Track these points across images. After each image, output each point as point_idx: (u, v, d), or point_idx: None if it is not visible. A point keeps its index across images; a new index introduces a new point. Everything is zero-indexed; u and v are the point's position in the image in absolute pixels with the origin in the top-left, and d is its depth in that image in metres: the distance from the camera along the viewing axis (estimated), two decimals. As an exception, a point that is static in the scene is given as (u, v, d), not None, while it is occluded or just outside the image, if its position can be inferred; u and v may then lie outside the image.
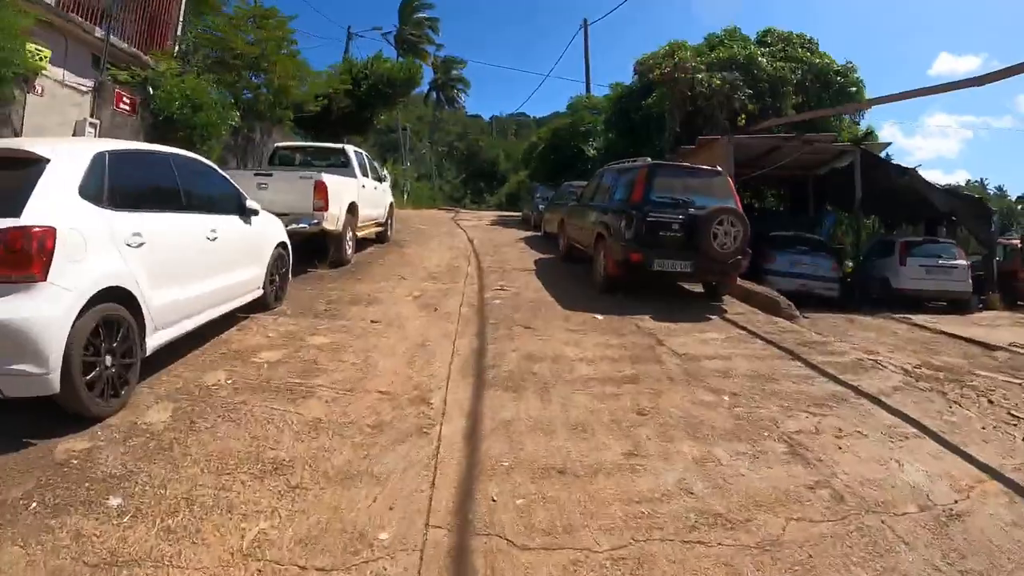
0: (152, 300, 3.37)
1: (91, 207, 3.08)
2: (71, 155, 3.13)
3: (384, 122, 24.39)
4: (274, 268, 5.37)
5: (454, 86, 42.01)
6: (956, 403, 4.04)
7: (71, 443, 2.79)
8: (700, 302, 7.08)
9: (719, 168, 7.31)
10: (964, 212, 12.78)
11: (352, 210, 7.93)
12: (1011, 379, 4.89)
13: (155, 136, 8.83)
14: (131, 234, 3.27)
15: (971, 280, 11.39)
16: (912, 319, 9.12)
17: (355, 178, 8.46)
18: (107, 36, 8.76)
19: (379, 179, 10.14)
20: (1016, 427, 3.64)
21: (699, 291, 7.52)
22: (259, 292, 5.10)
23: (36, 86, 7.54)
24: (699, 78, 14.24)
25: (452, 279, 7.54)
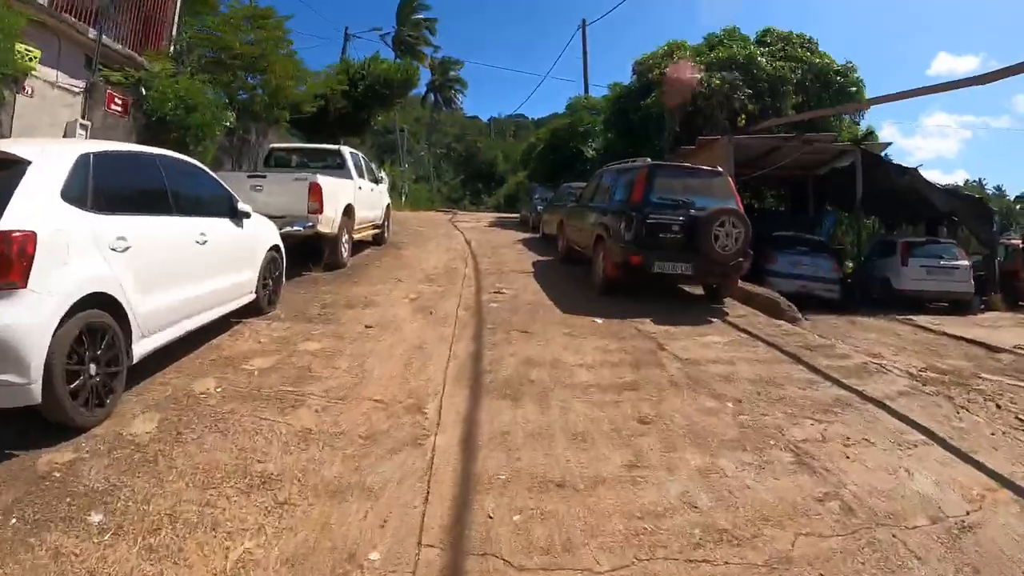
0: (138, 306, 3.28)
1: (74, 210, 2.99)
2: (54, 157, 3.04)
3: (381, 123, 24.27)
4: (267, 272, 5.28)
5: (451, 87, 41.88)
6: (963, 408, 3.96)
7: (54, 455, 2.70)
8: (701, 304, 6.99)
9: (719, 168, 7.21)
10: (965, 212, 12.72)
11: (348, 212, 7.84)
12: (1017, 382, 4.81)
13: (148, 137, 8.70)
14: (116, 238, 3.18)
15: (973, 281, 11.32)
16: (914, 320, 9.05)
17: (351, 180, 8.37)
18: (99, 36, 8.65)
19: (376, 181, 10.05)
20: (1026, 433, 3.55)
21: (700, 293, 7.43)
22: (252, 296, 5.01)
23: (26, 87, 7.40)
24: (699, 78, 14.18)
25: (449, 281, 7.45)
